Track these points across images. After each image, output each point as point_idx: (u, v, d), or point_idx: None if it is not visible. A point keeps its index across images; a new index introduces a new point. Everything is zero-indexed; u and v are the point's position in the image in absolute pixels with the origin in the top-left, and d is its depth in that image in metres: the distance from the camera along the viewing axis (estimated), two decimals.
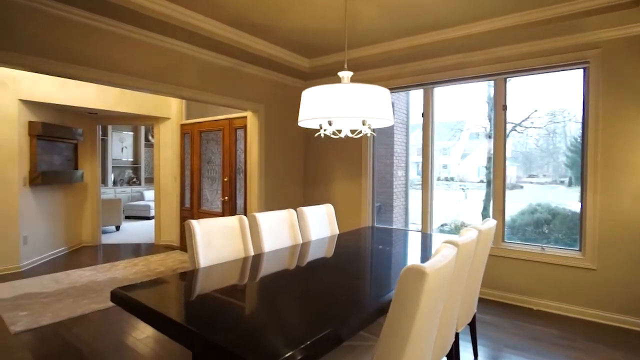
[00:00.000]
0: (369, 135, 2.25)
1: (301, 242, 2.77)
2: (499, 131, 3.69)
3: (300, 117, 2.25)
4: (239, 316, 1.39)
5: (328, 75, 4.68)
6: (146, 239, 6.46)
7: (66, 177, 5.18)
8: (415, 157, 6.08)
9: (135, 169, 10.13)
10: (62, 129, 5.05)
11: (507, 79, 3.64)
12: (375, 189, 4.59)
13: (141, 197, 9.58)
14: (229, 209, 5.03)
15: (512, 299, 3.53)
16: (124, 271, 4.43)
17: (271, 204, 4.61)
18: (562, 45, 3.25)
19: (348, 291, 1.70)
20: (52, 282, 3.99)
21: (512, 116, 3.87)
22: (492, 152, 3.83)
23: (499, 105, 3.68)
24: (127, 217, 8.78)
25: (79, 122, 5.66)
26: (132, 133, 10.06)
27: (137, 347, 2.65)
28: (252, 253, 2.37)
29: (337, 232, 3.20)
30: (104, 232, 6.72)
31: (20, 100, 4.42)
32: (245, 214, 4.78)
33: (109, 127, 9.21)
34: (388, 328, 1.25)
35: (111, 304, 3.34)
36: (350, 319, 1.33)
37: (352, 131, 2.37)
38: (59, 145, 5.18)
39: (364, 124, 2.14)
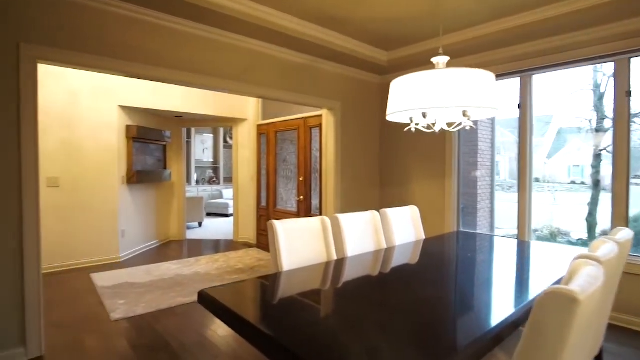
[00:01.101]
0: (467, 128, 1.97)
1: (385, 246, 2.56)
2: (620, 122, 3.08)
3: (388, 110, 2.05)
4: (324, 328, 1.24)
5: (408, 68, 4.39)
6: (225, 235, 6.75)
7: (157, 176, 5.59)
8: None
9: (215, 169, 10.75)
10: (153, 132, 5.45)
11: (631, 59, 3.03)
12: (460, 191, 4.19)
13: (220, 196, 10.12)
14: (304, 209, 4.99)
15: None
16: (206, 266, 4.62)
17: (347, 205, 4.46)
18: None
19: (447, 310, 1.46)
20: (145, 273, 4.30)
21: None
22: (600, 148, 3.23)
23: (620, 92, 3.08)
24: (208, 214, 9.32)
25: (166, 125, 6.09)
26: (212, 135, 10.70)
27: (219, 344, 2.67)
28: (334, 257, 2.23)
29: (423, 236, 2.93)
30: (188, 227, 7.18)
31: (119, 106, 4.85)
32: (320, 214, 4.70)
33: (192, 130, 9.88)
34: None
35: (195, 298, 3.46)
36: (465, 349, 1.09)
37: (449, 124, 2.10)
38: (151, 147, 5.61)
39: (464, 115, 1.86)
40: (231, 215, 9.12)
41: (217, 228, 7.59)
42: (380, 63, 4.22)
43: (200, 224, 7.76)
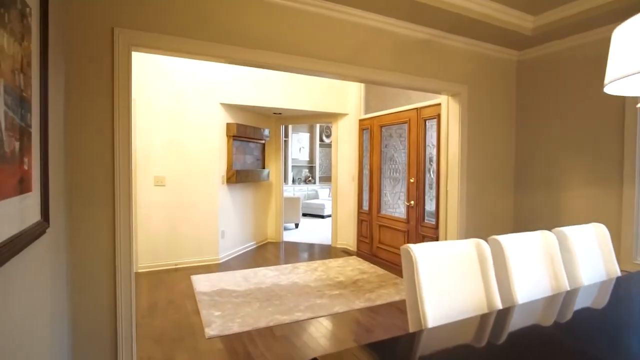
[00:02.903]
0: None
1: (567, 287, 1.71)
2: None
3: (611, 75, 1.23)
4: None
5: (563, 36, 3.33)
6: (322, 239, 6.33)
7: (255, 176, 5.41)
8: None
9: (311, 168, 10.54)
10: (253, 130, 5.26)
11: None
12: None
13: (316, 196, 9.86)
14: (415, 216, 4.24)
15: None
16: (305, 276, 4.19)
17: (473, 215, 3.59)
18: None
19: None
20: (243, 279, 4.04)
21: None
22: None
23: None
24: (303, 215, 9.09)
25: (265, 123, 5.90)
26: (308, 134, 10.51)
27: None
28: (498, 304, 1.48)
29: (618, 272, 1.97)
30: (285, 228, 6.96)
31: (221, 103, 4.72)
32: (436, 225, 3.90)
33: (290, 129, 9.80)
34: None
35: (294, 317, 3.01)
36: None
37: None
38: (250, 145, 5.44)
39: None
40: (327, 216, 8.76)
41: (313, 230, 7.25)
42: (523, 31, 3.25)
43: (296, 225, 7.52)
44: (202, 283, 3.88)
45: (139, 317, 3.04)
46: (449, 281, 1.44)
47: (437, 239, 3.88)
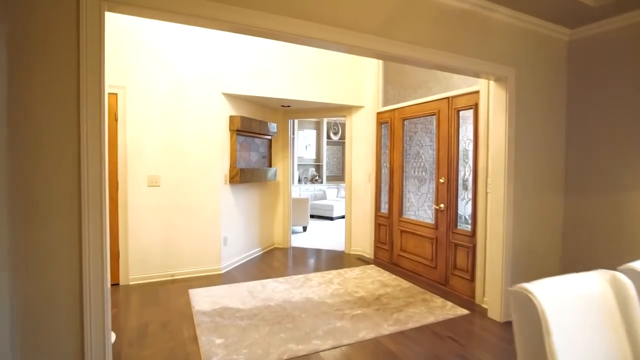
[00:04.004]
0: None
1: None
2: None
3: None
4: None
5: (631, 9, 2.78)
6: (334, 244, 5.79)
7: (261, 175, 4.88)
8: None
9: (318, 167, 10.01)
10: (259, 124, 4.74)
11: None
12: None
13: (324, 196, 9.32)
14: (445, 221, 3.70)
15: None
16: (319, 290, 3.66)
17: (520, 222, 3.06)
18: None
19: None
20: (248, 294, 3.52)
21: None
22: None
23: None
24: (311, 216, 8.55)
25: (271, 117, 5.38)
26: (314, 131, 9.98)
27: None
28: None
29: None
30: (292, 232, 6.44)
31: (223, 94, 4.21)
32: (473, 231, 3.36)
33: (296, 126, 9.28)
34: None
35: (312, 347, 2.48)
36: None
37: None
38: (255, 141, 4.92)
39: None
40: (336, 218, 8.24)
41: (323, 234, 6.71)
42: (586, 1, 2.71)
43: (304, 229, 6.99)
44: (201, 299, 3.36)
45: (125, 345, 2.53)
46: (581, 335, 0.91)
47: (474, 248, 3.35)
